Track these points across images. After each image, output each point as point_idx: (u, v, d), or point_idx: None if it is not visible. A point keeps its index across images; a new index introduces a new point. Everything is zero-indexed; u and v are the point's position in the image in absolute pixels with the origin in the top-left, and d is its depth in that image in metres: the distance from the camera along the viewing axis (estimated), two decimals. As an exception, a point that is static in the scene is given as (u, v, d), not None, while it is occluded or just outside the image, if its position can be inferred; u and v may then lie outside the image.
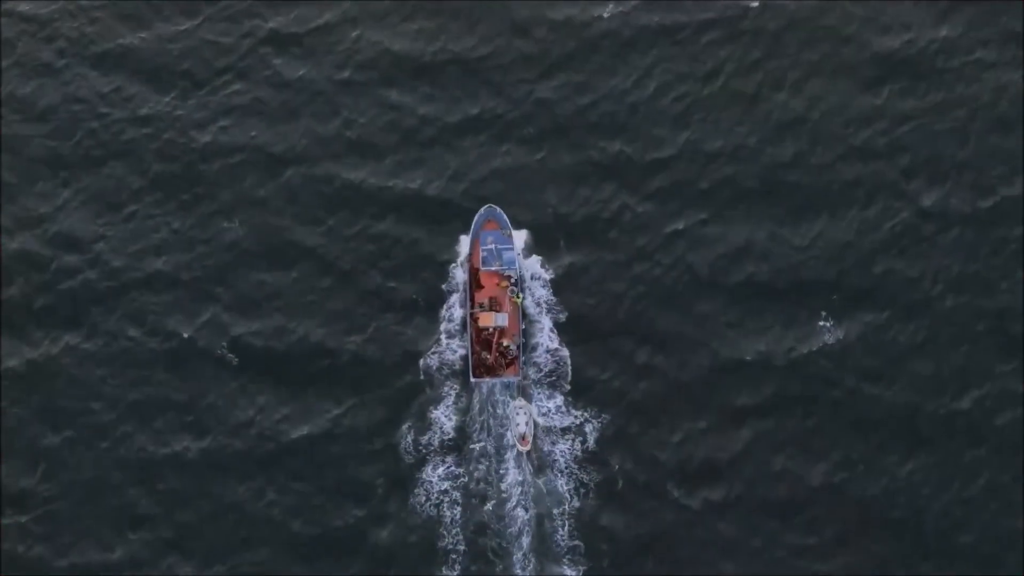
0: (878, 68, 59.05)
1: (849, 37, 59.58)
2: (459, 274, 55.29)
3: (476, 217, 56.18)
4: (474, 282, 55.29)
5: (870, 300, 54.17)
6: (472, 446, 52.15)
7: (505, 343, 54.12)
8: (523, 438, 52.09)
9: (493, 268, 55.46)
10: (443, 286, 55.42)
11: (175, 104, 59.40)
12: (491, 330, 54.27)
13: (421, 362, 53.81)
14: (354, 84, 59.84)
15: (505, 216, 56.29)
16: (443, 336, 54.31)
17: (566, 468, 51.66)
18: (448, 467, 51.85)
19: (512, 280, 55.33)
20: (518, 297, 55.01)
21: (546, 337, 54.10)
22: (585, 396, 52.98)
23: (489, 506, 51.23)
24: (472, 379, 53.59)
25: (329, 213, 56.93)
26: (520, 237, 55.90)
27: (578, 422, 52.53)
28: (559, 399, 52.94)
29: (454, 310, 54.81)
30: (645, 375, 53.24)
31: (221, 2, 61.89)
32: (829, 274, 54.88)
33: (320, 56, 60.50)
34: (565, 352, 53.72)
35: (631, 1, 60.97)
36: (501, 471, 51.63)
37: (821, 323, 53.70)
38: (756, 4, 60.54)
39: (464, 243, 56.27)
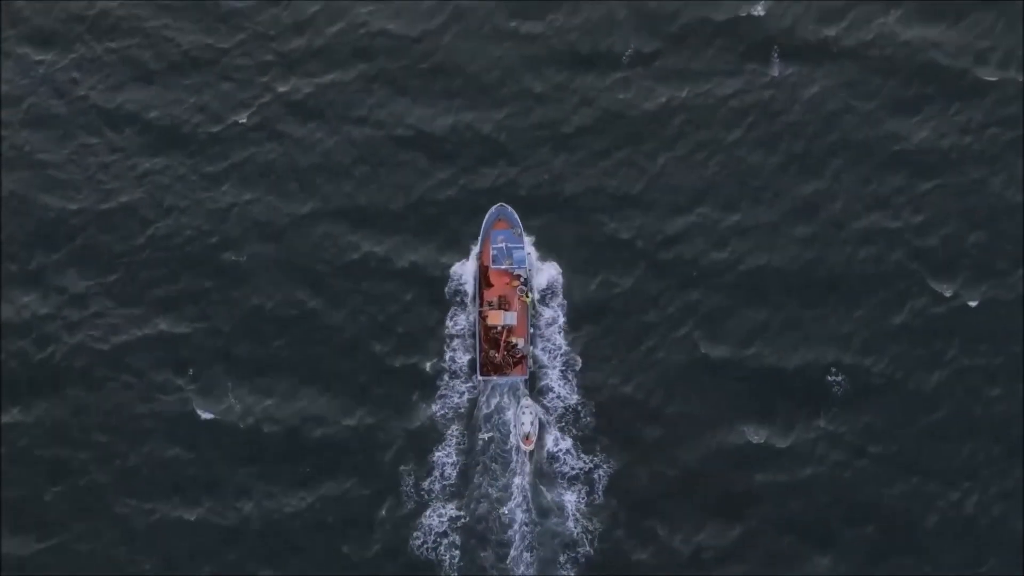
0: (898, 150, 57.88)
1: (880, 80, 58.92)
2: (461, 320, 55.36)
3: (487, 216, 56.51)
4: (483, 280, 55.78)
5: (879, 387, 53.46)
6: (474, 486, 52.59)
7: (513, 341, 54.71)
8: (527, 437, 52.64)
9: (503, 267, 55.88)
10: (443, 339, 55.30)
11: (180, 163, 58.71)
12: (499, 329, 54.67)
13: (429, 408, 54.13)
14: (368, 149, 58.99)
15: (516, 215, 56.63)
16: (446, 377, 54.55)
17: (572, 514, 51.97)
18: (450, 511, 52.25)
19: (522, 279, 55.75)
20: (527, 296, 55.45)
21: (557, 382, 54.30)
22: (594, 442, 53.00)
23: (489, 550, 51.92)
24: (479, 377, 54.15)
25: (334, 278, 56.42)
26: (552, 269, 56.12)
27: (587, 468, 52.66)
28: (568, 442, 53.04)
29: (457, 353, 54.73)
30: (654, 453, 52.95)
31: (233, 61, 61.19)
32: (840, 358, 54.04)
33: (333, 120, 59.57)
34: (576, 398, 53.91)
35: (648, 76, 60.03)
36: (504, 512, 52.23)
37: (830, 367, 53.52)
38: (761, 12, 60.11)
39: (475, 242, 56.65)
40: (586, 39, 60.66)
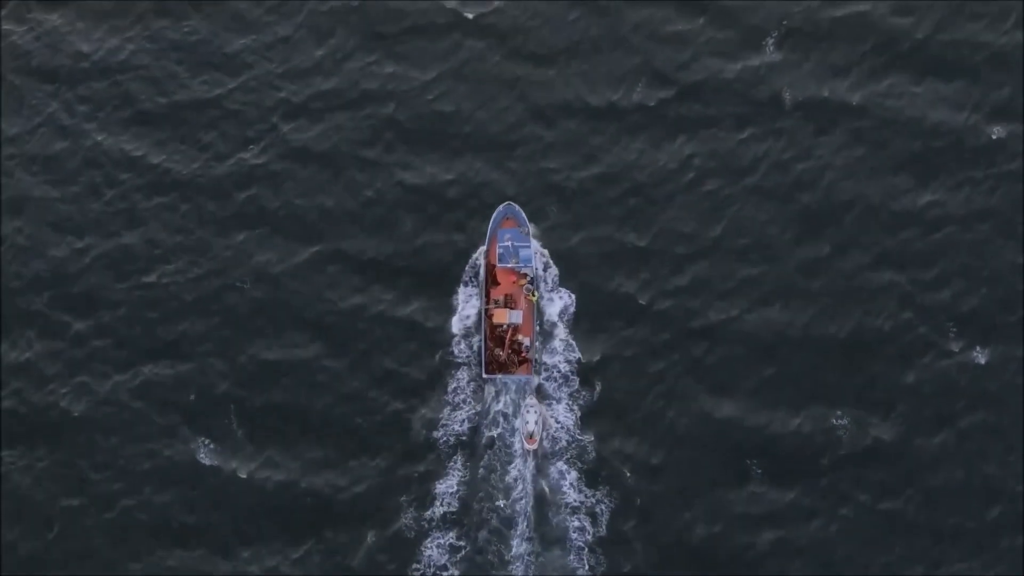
0: (916, 170, 57.71)
1: (889, 137, 58.45)
2: (464, 347, 54.89)
3: (494, 214, 56.33)
4: (490, 279, 55.52)
5: (886, 409, 53.12)
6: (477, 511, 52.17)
7: (519, 340, 54.41)
8: (531, 437, 52.32)
9: (509, 265, 55.65)
10: (448, 360, 54.92)
11: (182, 206, 58.03)
12: (505, 327, 54.41)
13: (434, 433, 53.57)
14: (373, 196, 58.34)
15: (523, 214, 56.45)
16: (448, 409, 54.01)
17: (575, 546, 51.46)
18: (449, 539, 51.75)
19: (528, 278, 55.52)
20: (533, 295, 55.21)
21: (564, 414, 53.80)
22: (600, 477, 52.47)
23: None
24: (484, 375, 53.85)
25: (335, 324, 55.64)
26: (567, 298, 55.69)
27: (591, 501, 52.15)
28: (573, 475, 52.51)
29: (460, 380, 54.25)
30: (658, 471, 52.56)
31: (250, 71, 60.87)
32: (850, 379, 53.69)
33: (336, 166, 58.94)
34: (585, 435, 53.35)
35: (668, 91, 59.85)
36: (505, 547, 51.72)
37: (837, 424, 52.89)
38: (769, 68, 59.63)
39: (482, 240, 56.48)
40: (596, 87, 60.03)
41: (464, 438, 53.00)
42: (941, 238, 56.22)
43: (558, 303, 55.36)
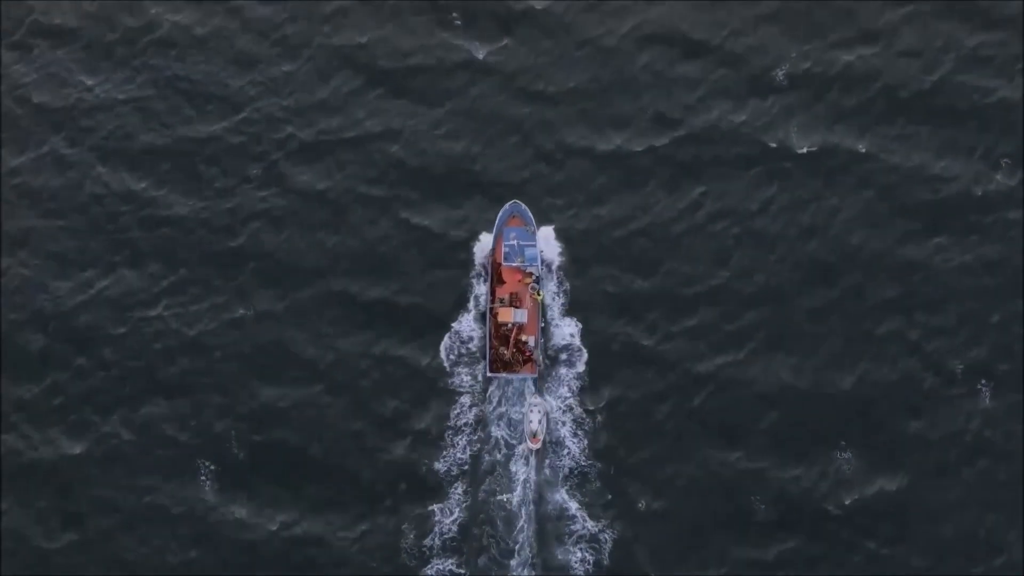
0: (924, 218, 56.91)
1: (897, 185, 57.63)
2: (467, 376, 54.62)
3: (500, 212, 56.31)
4: (495, 277, 55.54)
5: (891, 458, 52.67)
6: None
7: (523, 339, 54.45)
8: (534, 436, 52.38)
9: (515, 264, 55.68)
10: (448, 408, 54.31)
11: (197, 206, 57.85)
12: (510, 326, 54.44)
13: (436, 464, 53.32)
14: (383, 199, 58.17)
15: (530, 212, 56.44)
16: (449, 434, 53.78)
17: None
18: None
19: (534, 277, 55.54)
20: (539, 294, 55.21)
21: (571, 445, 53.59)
22: (604, 510, 52.31)
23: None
24: (488, 374, 53.91)
25: (340, 328, 55.52)
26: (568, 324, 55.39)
27: (594, 531, 52.02)
28: (576, 505, 52.31)
29: (462, 410, 53.94)
30: (661, 514, 52.31)
31: (252, 105, 60.23)
32: (856, 427, 53.26)
33: (352, 168, 58.75)
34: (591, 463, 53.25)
35: (675, 133, 59.15)
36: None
37: (842, 470, 52.56)
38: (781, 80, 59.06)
39: (488, 238, 56.43)
40: (604, 128, 59.35)
41: (465, 467, 52.71)
42: (948, 285, 55.46)
43: (565, 329, 55.05)
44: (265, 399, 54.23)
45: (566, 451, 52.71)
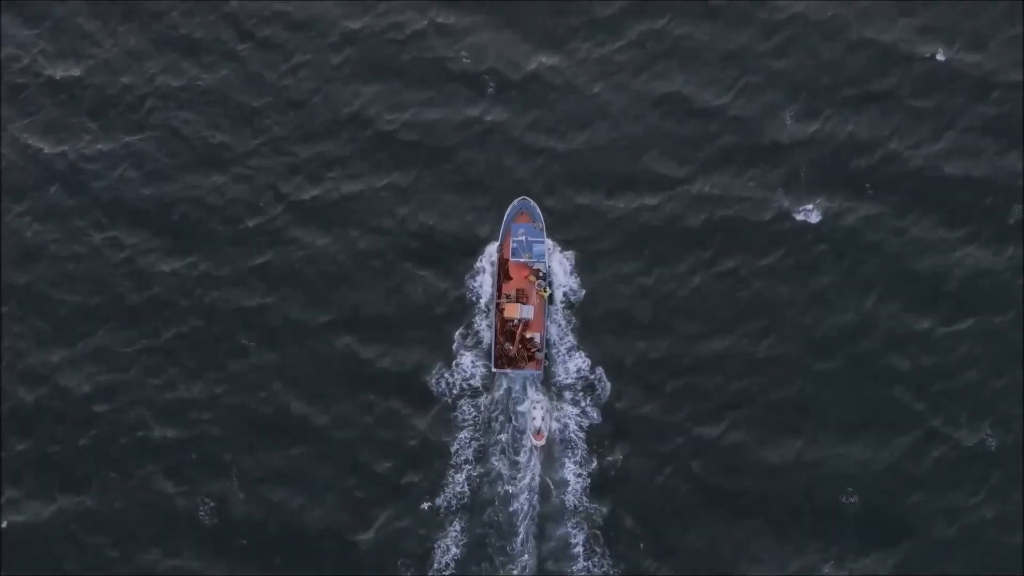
0: (927, 292, 55.97)
1: (898, 255, 56.70)
2: (469, 409, 54.35)
3: (509, 208, 56.42)
4: (502, 273, 55.69)
5: (890, 534, 52.21)
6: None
7: (529, 335, 54.59)
8: (538, 432, 52.52)
9: (522, 260, 55.80)
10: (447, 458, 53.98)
11: (189, 264, 57.29)
12: (516, 322, 54.59)
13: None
14: (393, 230, 57.88)
15: (538, 209, 56.54)
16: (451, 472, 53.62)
17: None
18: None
19: (540, 273, 55.67)
20: (545, 291, 55.36)
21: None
22: (607, 545, 52.21)
23: None
24: (493, 369, 54.08)
25: (336, 388, 55.12)
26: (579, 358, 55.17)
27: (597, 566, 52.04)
28: (580, 539, 52.20)
29: (462, 442, 53.73)
30: (667, 552, 52.23)
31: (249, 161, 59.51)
32: (861, 466, 52.93)
33: (363, 198, 58.37)
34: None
35: (689, 166, 58.61)
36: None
37: (847, 503, 52.33)
38: (795, 139, 58.24)
39: (496, 235, 56.56)
40: (617, 160, 58.88)
41: (465, 500, 52.67)
42: (958, 326, 54.93)
43: (573, 363, 54.79)
44: (269, 427, 54.09)
45: (569, 488, 52.64)
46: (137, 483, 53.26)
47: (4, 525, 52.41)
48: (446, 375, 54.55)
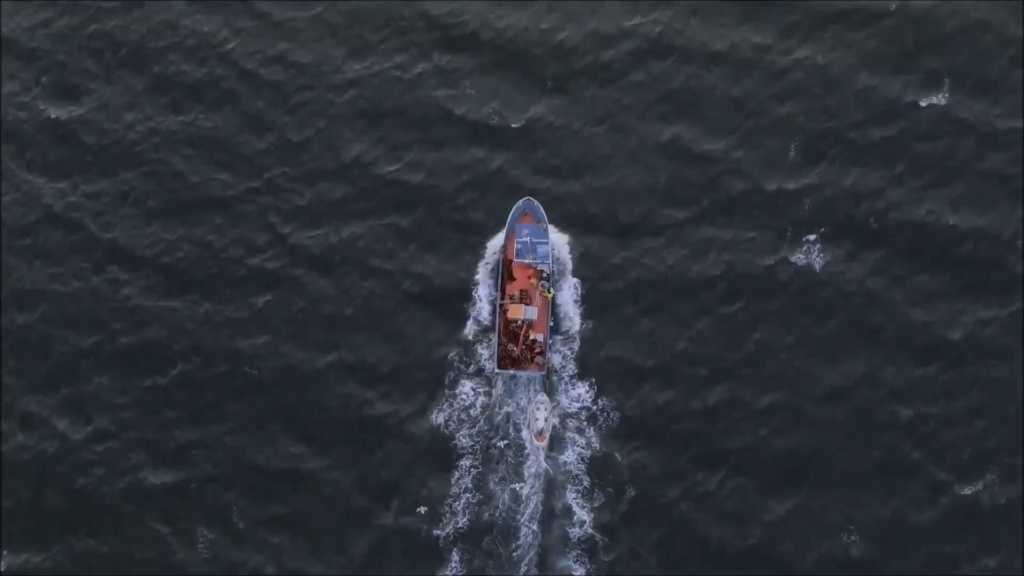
0: (931, 340, 55.60)
1: (902, 301, 56.27)
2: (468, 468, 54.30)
3: (513, 209, 56.54)
4: (506, 274, 55.96)
5: (905, 545, 52.51)
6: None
7: (532, 336, 54.96)
8: (540, 433, 52.99)
9: (526, 261, 56.05)
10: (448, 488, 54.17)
11: (188, 305, 56.89)
12: (519, 322, 54.94)
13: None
14: (400, 270, 57.48)
15: (542, 210, 56.74)
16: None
17: None
18: None
19: (544, 274, 55.96)
20: (549, 292, 55.66)
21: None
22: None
23: None
24: (496, 370, 54.51)
25: (335, 428, 55.00)
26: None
27: None
28: (582, 572, 52.64)
29: (462, 484, 53.81)
30: None
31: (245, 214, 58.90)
32: (865, 513, 53.02)
33: (367, 238, 58.01)
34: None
35: (693, 209, 58.12)
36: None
37: (850, 553, 52.42)
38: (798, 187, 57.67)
39: (499, 235, 56.71)
40: (620, 202, 58.33)
41: (465, 530, 52.94)
42: (966, 374, 54.76)
43: (576, 392, 54.94)
44: (271, 469, 54.17)
45: (575, 517, 52.97)
46: (135, 527, 53.41)
47: (3, 568, 52.85)
48: (445, 409, 54.65)
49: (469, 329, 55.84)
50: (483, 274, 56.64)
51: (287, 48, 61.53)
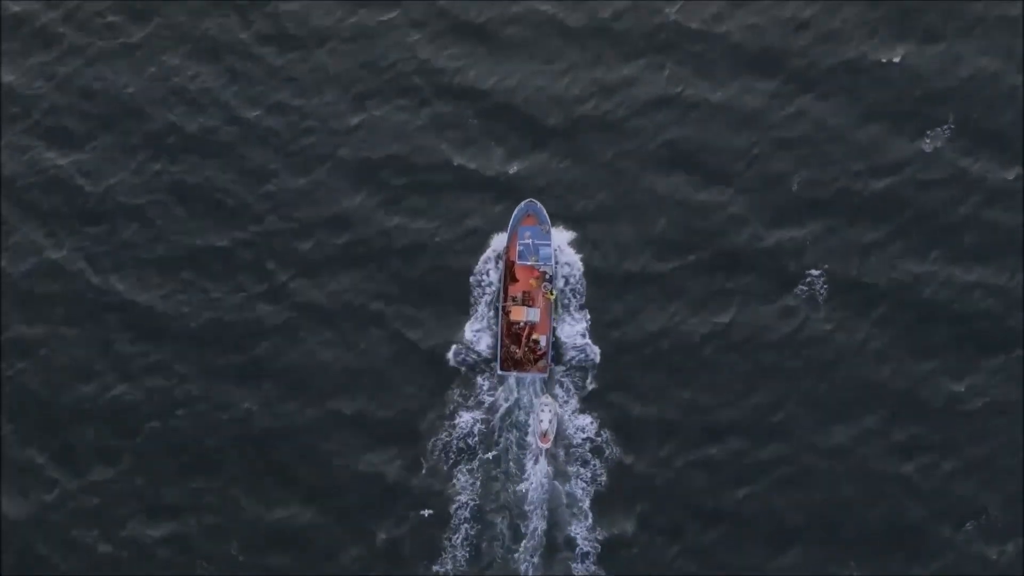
0: (949, 356, 55.67)
1: (902, 361, 55.99)
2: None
3: (516, 211, 56.50)
4: (508, 275, 55.86)
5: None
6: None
7: (535, 338, 54.84)
8: (544, 435, 52.86)
9: (529, 263, 55.98)
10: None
11: (183, 358, 56.22)
12: (522, 324, 54.83)
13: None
14: (396, 317, 56.93)
15: (545, 211, 56.70)
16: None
17: None
18: None
19: (547, 276, 55.87)
20: (551, 293, 55.57)
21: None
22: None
23: None
24: (499, 372, 54.35)
25: (346, 453, 54.68)
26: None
27: None
28: None
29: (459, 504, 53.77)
30: None
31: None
32: (867, 568, 52.71)
33: (364, 285, 57.45)
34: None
35: (692, 258, 57.72)
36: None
37: None
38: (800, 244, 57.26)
39: (502, 237, 56.68)
40: (620, 252, 58.00)
41: (467, 561, 52.70)
42: (969, 429, 54.56)
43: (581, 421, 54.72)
44: (268, 522, 53.62)
45: (578, 548, 52.84)
46: (137, 543, 53.10)
47: None
48: (443, 439, 54.43)
49: (473, 382, 55.46)
50: (482, 318, 56.31)
51: (285, 95, 61.04)
